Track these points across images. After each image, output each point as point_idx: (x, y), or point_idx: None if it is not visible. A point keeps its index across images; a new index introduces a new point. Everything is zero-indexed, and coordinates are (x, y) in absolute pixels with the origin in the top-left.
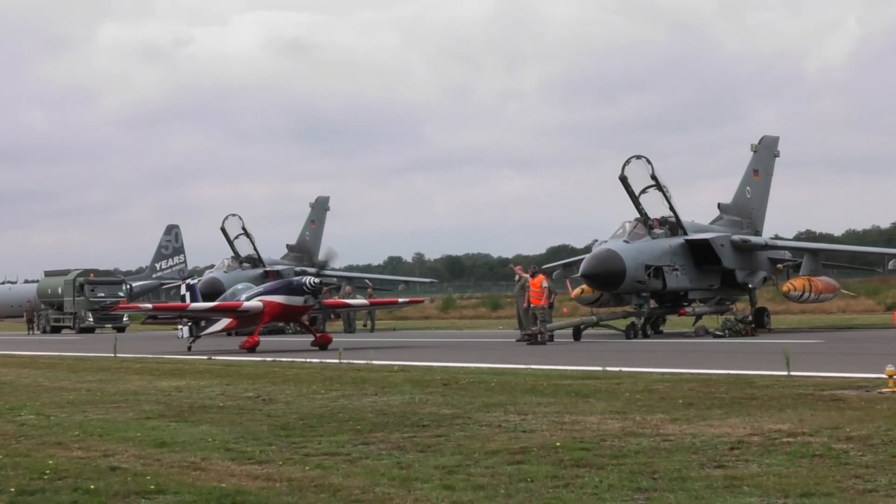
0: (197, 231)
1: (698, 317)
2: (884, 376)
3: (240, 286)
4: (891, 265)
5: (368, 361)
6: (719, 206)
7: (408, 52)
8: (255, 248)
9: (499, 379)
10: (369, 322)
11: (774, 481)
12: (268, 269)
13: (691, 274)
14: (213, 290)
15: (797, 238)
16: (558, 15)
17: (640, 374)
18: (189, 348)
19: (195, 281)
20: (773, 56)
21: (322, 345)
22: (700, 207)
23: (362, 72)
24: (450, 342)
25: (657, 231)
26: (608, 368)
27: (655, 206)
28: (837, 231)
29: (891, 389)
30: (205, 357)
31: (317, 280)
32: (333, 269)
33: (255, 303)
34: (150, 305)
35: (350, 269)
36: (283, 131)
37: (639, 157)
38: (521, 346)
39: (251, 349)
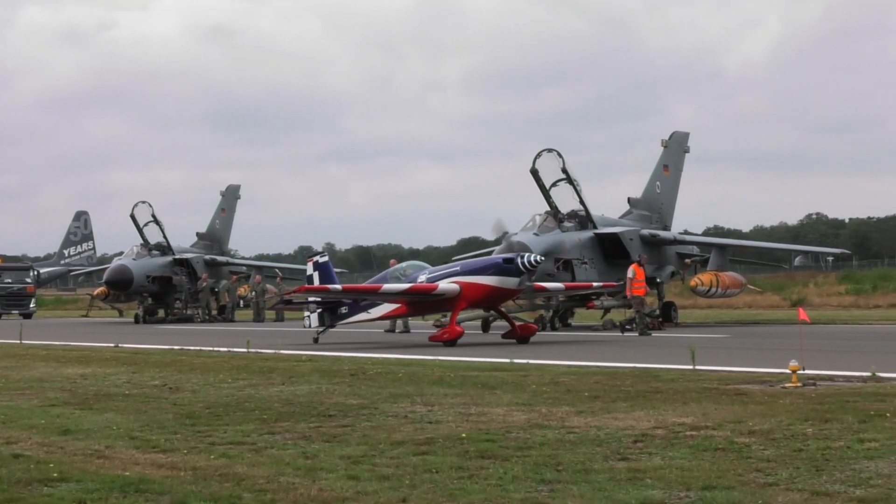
0: (110, 218)
1: (606, 310)
2: (787, 371)
3: (402, 265)
4: (797, 262)
5: (276, 351)
6: (629, 200)
7: (330, 41)
8: (165, 236)
9: (406, 370)
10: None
11: (677, 474)
12: (177, 256)
13: (600, 267)
14: (121, 278)
15: (706, 234)
16: (481, 6)
17: (547, 366)
18: (316, 340)
19: (325, 258)
20: (694, 52)
21: (524, 337)
22: (616, 201)
23: (283, 59)
24: (358, 332)
25: (567, 225)
26: (515, 360)
27: (566, 200)
28: (746, 227)
29: (794, 384)
30: (111, 345)
31: (540, 257)
32: (243, 258)
33: (451, 285)
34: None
35: (260, 257)
36: (201, 118)
37: (550, 150)
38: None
39: (452, 342)
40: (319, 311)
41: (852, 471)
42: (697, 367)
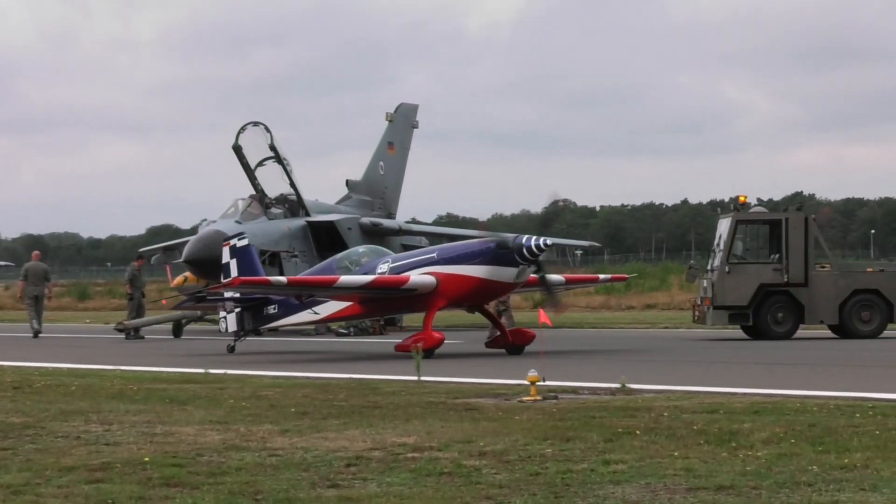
0: None
1: None
2: (525, 382)
3: (357, 251)
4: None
5: None
6: (347, 183)
7: None
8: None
9: (81, 382)
10: None
11: (395, 503)
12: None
13: (313, 262)
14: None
15: (437, 223)
16: None
17: (247, 377)
18: (231, 349)
19: (245, 241)
20: (430, 10)
21: (517, 346)
22: (334, 184)
23: None
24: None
25: (275, 211)
26: (211, 371)
27: (274, 182)
28: (484, 215)
29: (532, 398)
30: None
31: (549, 240)
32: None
33: (425, 277)
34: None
35: None
36: None
37: (256, 123)
38: (121, 344)
39: (430, 351)
40: (238, 310)
41: (596, 497)
42: (423, 379)
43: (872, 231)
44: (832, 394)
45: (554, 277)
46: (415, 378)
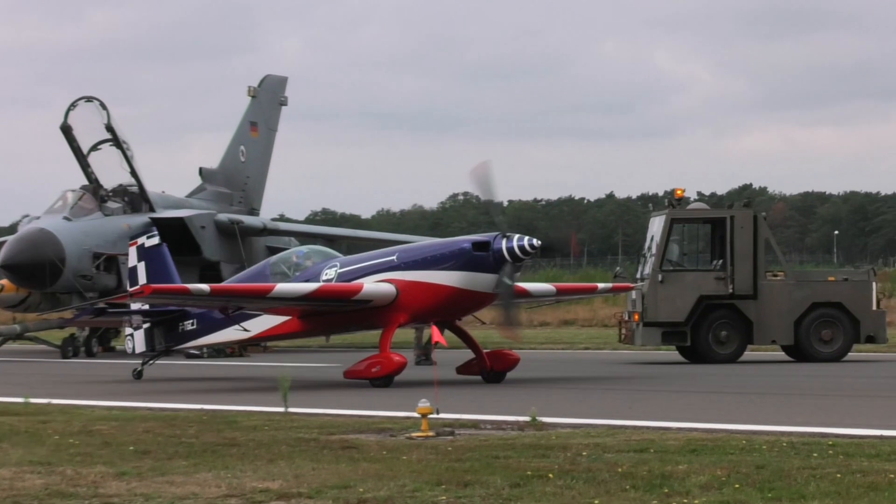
0: None
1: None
2: (415, 415)
3: (300, 251)
4: None
5: None
6: (201, 172)
7: None
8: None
9: None
10: None
11: None
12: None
13: None
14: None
15: (310, 220)
16: None
17: (76, 408)
18: (138, 374)
19: (156, 238)
20: None
21: (497, 372)
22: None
23: None
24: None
25: (112, 205)
26: (32, 401)
27: (112, 171)
28: (367, 212)
29: (423, 434)
30: None
31: (536, 241)
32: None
33: (383, 285)
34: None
35: None
36: None
37: (90, 99)
38: None
39: (387, 378)
40: (148, 326)
41: None
42: (291, 410)
43: (836, 232)
44: (785, 429)
45: (544, 287)
46: (281, 409)
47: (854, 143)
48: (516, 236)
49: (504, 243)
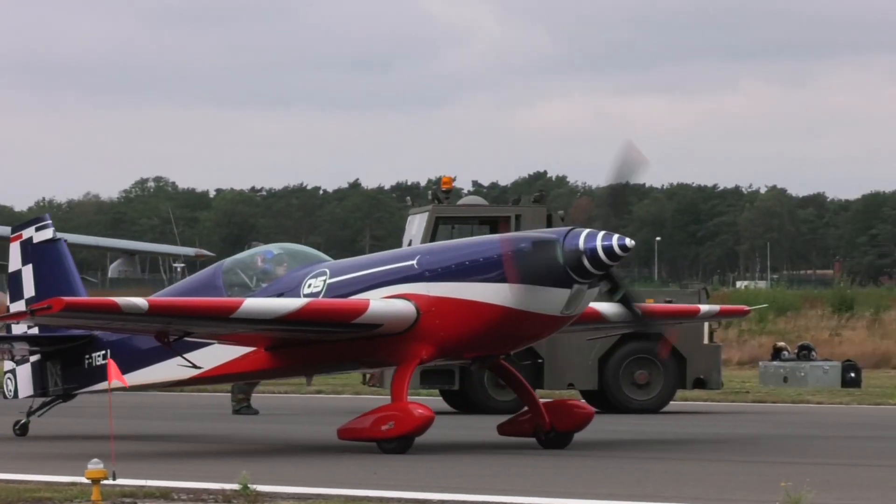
0: None
1: None
2: (83, 480)
3: (268, 251)
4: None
5: None
6: None
7: None
8: None
9: None
10: None
11: None
12: None
13: None
14: None
15: None
16: None
17: None
18: (22, 429)
19: (49, 228)
20: None
21: (563, 434)
22: None
23: None
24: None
25: None
26: None
27: None
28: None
29: (94, 502)
30: None
31: (630, 241)
32: None
33: (398, 303)
34: None
35: None
36: None
37: None
38: None
39: (408, 438)
40: (37, 358)
41: None
42: None
43: (658, 238)
44: None
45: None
46: None
47: (690, 117)
48: (601, 233)
49: (590, 242)
